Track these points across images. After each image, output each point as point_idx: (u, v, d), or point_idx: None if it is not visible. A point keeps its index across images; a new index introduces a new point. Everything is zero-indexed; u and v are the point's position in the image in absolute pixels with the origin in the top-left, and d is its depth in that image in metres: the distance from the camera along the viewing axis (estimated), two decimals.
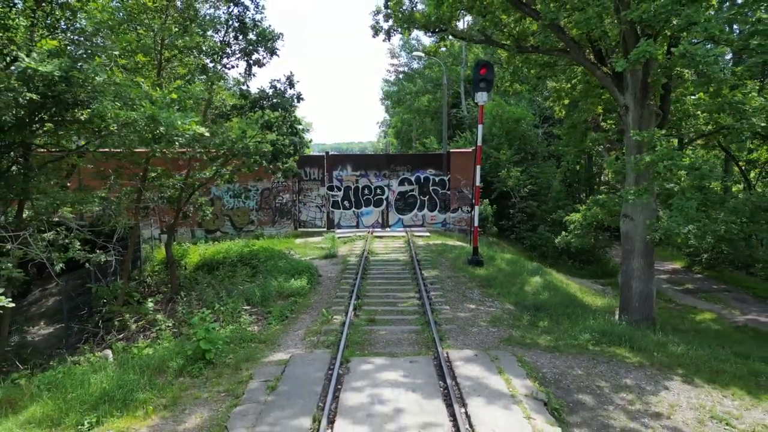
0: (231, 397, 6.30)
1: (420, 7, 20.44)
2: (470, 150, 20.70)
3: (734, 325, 15.04)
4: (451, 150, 21.96)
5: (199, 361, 7.38)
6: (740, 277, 21.48)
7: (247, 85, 13.73)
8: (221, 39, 13.39)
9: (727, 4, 8.20)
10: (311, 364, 7.10)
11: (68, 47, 8.13)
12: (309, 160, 20.81)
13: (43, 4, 8.21)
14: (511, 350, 7.92)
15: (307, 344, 8.33)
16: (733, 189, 26.45)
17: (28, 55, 7.24)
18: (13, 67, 7.68)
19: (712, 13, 10.50)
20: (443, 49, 21.76)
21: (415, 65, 41.17)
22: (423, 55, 35.11)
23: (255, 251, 14.99)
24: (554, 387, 6.70)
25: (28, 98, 7.33)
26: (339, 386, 6.40)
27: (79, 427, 5.68)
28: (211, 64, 13.39)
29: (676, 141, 12.48)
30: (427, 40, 38.59)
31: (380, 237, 19.06)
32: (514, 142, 24.68)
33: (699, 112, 11.43)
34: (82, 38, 8.27)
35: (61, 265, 8.48)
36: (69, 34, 8.58)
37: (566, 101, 16.76)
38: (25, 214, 9.55)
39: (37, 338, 12.81)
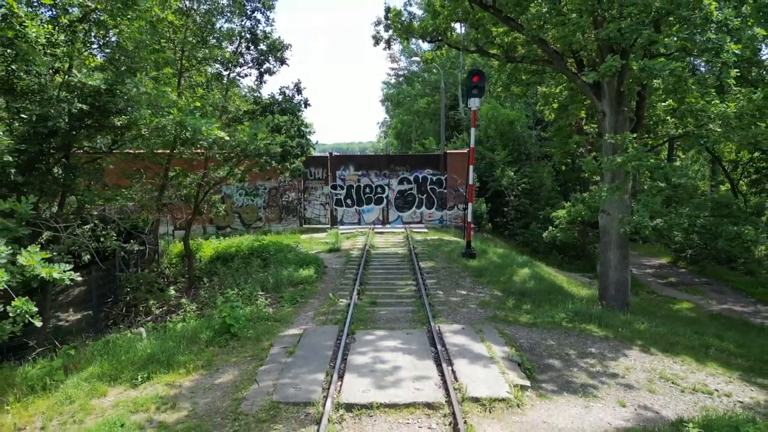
0: (256, 360, 7.51)
1: (418, 12, 21.55)
2: (466, 151, 21.88)
3: (709, 313, 16.23)
4: (447, 151, 23.16)
5: (225, 334, 8.58)
6: (722, 271, 22.66)
7: (259, 92, 14.92)
8: (234, 49, 14.61)
9: (685, 25, 9.32)
10: (322, 335, 8.32)
11: (110, 62, 9.32)
12: (314, 160, 22.01)
13: (83, 22, 9.38)
14: (494, 325, 9.13)
15: (318, 322, 9.54)
16: (723, 188, 27.79)
17: (78, 71, 8.45)
18: (61, 80, 8.89)
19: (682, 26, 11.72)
20: (441, 53, 22.97)
21: (414, 68, 42.40)
22: (422, 60, 36.32)
23: (265, 245, 16.19)
24: (528, 353, 7.90)
25: (78, 108, 8.54)
26: (347, 351, 7.61)
27: (134, 381, 6.89)
28: (225, 72, 14.62)
29: (651, 142, 13.60)
30: (426, 44, 39.80)
31: (381, 233, 20.26)
32: (508, 143, 25.88)
33: (669, 118, 12.61)
34: (123, 56, 9.46)
35: (87, 256, 9.66)
36: (105, 49, 9.76)
37: (555, 105, 17.97)
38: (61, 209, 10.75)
39: (67, 323, 14.01)
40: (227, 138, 10.95)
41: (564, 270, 21.27)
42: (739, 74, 10.13)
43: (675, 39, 9.32)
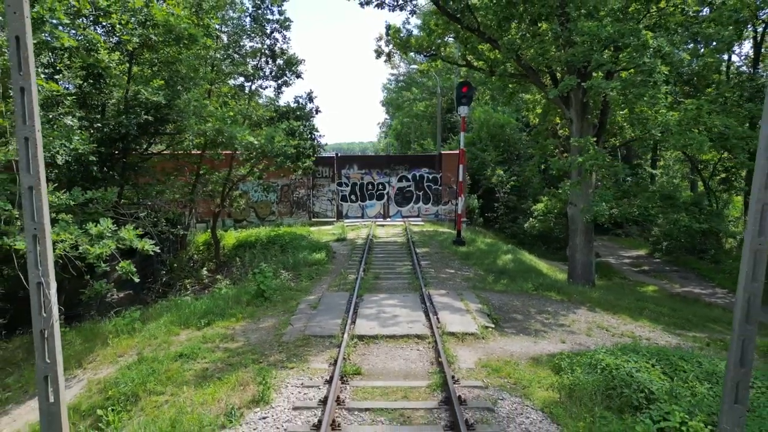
0: (287, 313, 9.79)
1: (415, 31, 23.85)
2: (458, 152, 24.16)
3: (670, 294, 18.49)
4: (442, 152, 25.44)
5: (259, 297, 10.84)
6: (692, 261, 24.90)
7: (277, 102, 17.19)
8: (256, 64, 16.88)
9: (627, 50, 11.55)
10: (337, 297, 10.60)
11: (167, 82, 11.57)
12: (322, 160, 24.26)
13: (144, 48, 11.66)
14: (473, 291, 11.40)
15: (332, 290, 11.81)
16: (700, 187, 30.05)
17: (144, 89, 10.74)
18: (131, 95, 11.18)
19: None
20: (435, 64, 25.17)
21: (413, 73, 44.61)
22: (418, 70, 38.55)
23: (281, 234, 18.47)
24: (497, 310, 10.17)
25: (144, 118, 10.83)
26: (357, 306, 9.88)
27: (198, 325, 9.18)
28: (247, 84, 16.91)
29: (614, 142, 15.88)
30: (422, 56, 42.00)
31: (382, 225, 22.55)
32: (499, 144, 28.14)
33: (625, 124, 14.88)
34: (178, 77, 11.73)
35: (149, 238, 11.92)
36: (163, 71, 12.02)
37: (539, 110, 20.29)
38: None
39: (114, 299, 16.25)
40: (255, 142, 13.21)
41: (547, 259, 23.51)
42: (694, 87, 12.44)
43: (618, 61, 11.57)
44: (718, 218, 22.08)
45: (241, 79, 16.72)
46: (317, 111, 17.58)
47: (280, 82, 16.85)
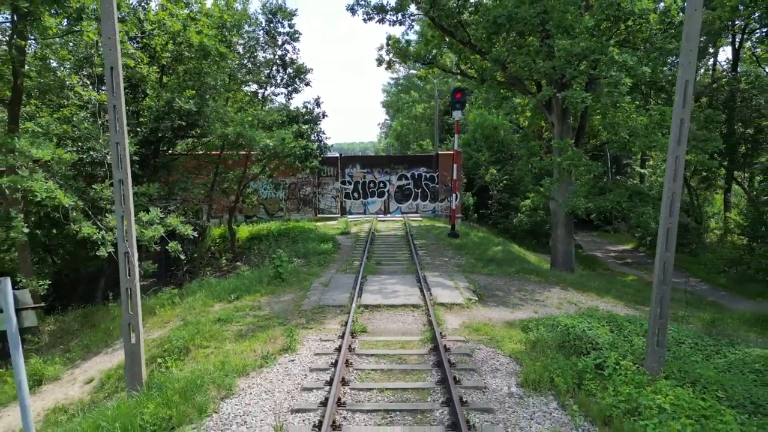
0: (303, 290, 11.49)
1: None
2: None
3: (646, 282, 20.15)
4: (439, 152, 27.14)
5: (277, 278, 12.53)
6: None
7: (288, 107, 18.89)
8: (269, 73, 18.58)
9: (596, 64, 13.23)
10: (345, 278, 12.30)
11: (197, 91, 13.27)
12: (327, 160, 25.94)
13: (177, 62, 13.37)
14: (463, 274, 13.10)
15: (340, 273, 13.51)
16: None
17: (178, 98, 12.44)
18: (164, 103, 12.88)
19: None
20: (432, 71, 26.87)
21: (412, 77, 46.36)
22: (416, 76, 40.28)
23: (290, 228, 20.17)
24: (482, 288, 11.87)
25: (178, 123, 12.54)
26: (362, 285, 11.57)
27: (228, 299, 10.88)
28: (260, 90, 18.61)
29: (593, 142, 17.57)
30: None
31: (383, 221, 24.25)
32: (493, 145, 29.81)
33: (600, 128, 16.58)
34: (208, 88, 13.43)
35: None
36: (193, 81, 13.72)
37: (528, 114, 21.98)
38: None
39: (142, 286, 17.96)
40: (270, 144, 14.90)
41: (537, 252, 25.19)
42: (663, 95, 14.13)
43: (590, 75, 13.27)
44: (685, 213, 23.92)
45: (255, 86, 18.43)
46: (324, 115, 19.28)
47: (290, 89, 18.55)
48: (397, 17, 17.85)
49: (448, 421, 5.74)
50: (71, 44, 10.94)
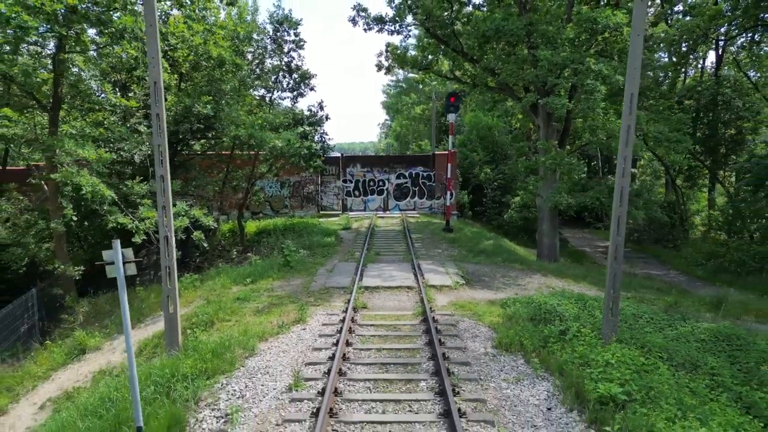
0: (310, 275, 12.86)
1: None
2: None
3: (629, 274, 21.49)
4: (436, 152, 28.52)
5: (286, 266, 13.90)
6: (658, 249, 27.95)
7: (294, 111, 20.25)
8: (275, 78, 19.94)
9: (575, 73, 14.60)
10: (347, 265, 13.68)
11: (213, 97, 14.61)
12: (329, 160, 27.31)
13: (194, 71, 14.73)
14: (454, 262, 14.47)
15: (343, 262, 14.88)
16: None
17: (197, 104, 13.80)
18: (183, 107, 14.24)
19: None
20: (428, 76, 28.24)
21: (411, 75, 47.74)
22: (416, 77, 41.65)
23: (294, 223, 21.54)
24: (470, 274, 13.23)
25: (196, 126, 13.90)
26: (363, 271, 12.95)
27: (244, 283, 12.25)
28: (268, 95, 19.98)
29: (577, 143, 18.96)
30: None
31: (382, 217, 25.63)
32: (488, 146, 31.16)
33: (582, 130, 17.96)
34: (223, 94, 14.79)
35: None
36: (209, 87, 15.08)
37: (520, 116, 23.35)
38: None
39: (156, 276, 19.31)
40: (279, 145, 16.26)
41: (528, 247, 26.55)
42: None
43: (570, 82, 14.64)
44: (671, 211, 25.36)
45: (263, 90, 19.80)
46: (327, 118, 20.63)
47: (295, 93, 19.92)
48: (395, 27, 19.22)
49: (432, 370, 7.13)
50: (103, 56, 12.33)
